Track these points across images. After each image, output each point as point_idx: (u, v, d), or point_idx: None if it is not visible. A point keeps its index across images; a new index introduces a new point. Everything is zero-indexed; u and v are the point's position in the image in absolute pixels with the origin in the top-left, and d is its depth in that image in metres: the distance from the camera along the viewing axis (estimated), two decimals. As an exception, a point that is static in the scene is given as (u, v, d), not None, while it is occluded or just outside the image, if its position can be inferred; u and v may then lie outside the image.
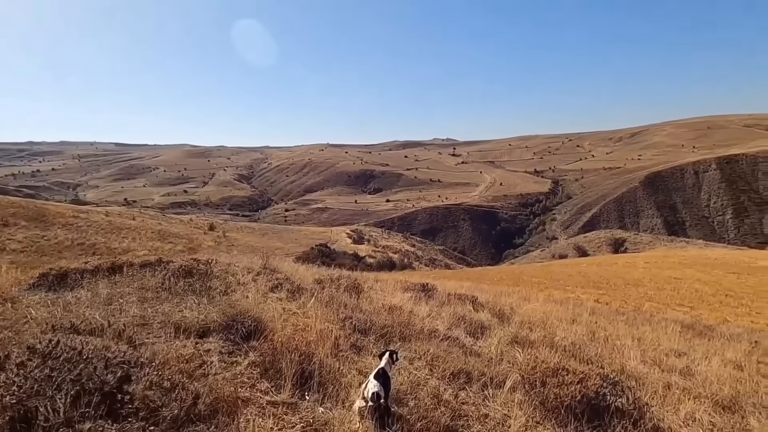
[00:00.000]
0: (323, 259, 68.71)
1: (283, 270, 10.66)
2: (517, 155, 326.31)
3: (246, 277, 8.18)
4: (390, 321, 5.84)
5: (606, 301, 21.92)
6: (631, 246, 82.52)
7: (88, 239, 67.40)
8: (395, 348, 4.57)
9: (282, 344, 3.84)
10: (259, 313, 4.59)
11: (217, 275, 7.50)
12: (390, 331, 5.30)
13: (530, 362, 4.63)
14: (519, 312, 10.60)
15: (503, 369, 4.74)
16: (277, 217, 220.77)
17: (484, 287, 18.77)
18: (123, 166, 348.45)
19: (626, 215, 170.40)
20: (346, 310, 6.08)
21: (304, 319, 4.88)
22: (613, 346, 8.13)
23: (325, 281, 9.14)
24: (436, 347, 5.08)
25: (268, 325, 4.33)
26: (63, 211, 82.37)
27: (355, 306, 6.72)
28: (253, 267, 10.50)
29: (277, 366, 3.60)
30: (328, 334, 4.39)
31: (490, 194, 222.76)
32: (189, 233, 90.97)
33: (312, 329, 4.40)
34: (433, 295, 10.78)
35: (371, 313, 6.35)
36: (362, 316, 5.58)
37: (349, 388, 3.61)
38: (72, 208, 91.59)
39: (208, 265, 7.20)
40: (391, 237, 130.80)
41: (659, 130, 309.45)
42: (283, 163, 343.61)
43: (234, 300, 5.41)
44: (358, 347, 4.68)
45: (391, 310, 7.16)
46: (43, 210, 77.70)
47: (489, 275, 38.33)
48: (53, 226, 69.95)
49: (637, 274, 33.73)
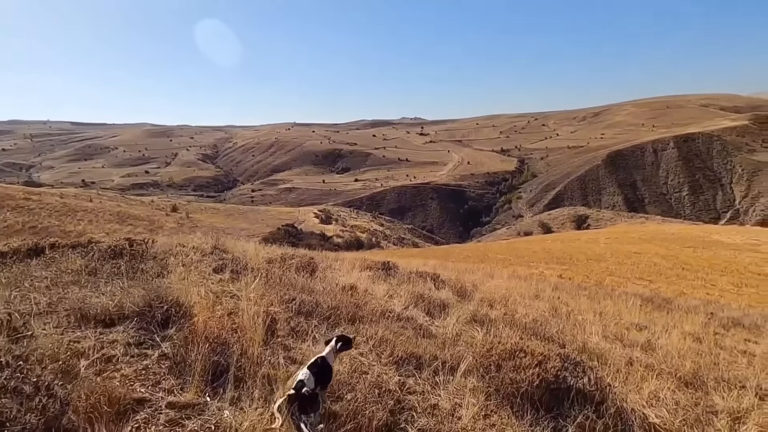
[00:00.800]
0: (290, 239, 67.77)
1: (236, 250, 10.07)
2: (484, 134, 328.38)
3: (189, 258, 7.58)
4: (340, 302, 5.39)
5: (569, 277, 22.18)
6: (593, 222, 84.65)
7: (41, 222, 64.39)
8: (341, 332, 4.14)
9: (202, 332, 3.32)
10: (184, 296, 4.03)
11: (154, 256, 6.88)
12: (338, 313, 4.84)
13: (486, 344, 4.27)
14: (482, 289, 10.35)
15: (458, 351, 4.36)
16: (244, 197, 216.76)
17: (449, 265, 18.57)
18: (80, 146, 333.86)
19: (589, 193, 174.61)
20: (293, 290, 5.60)
21: (239, 302, 4.37)
22: (575, 322, 7.95)
23: (278, 261, 8.62)
24: (386, 329, 4.66)
25: (193, 309, 3.80)
26: (13, 193, 78.31)
27: (305, 286, 6.24)
28: (203, 247, 9.86)
29: (188, 359, 3.09)
30: (263, 318, 3.90)
31: (458, 173, 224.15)
32: (150, 215, 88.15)
33: (244, 313, 3.89)
34: (393, 274, 10.40)
35: (322, 293, 5.88)
36: (308, 298, 5.10)
37: (277, 382, 3.11)
38: (23, 189, 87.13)
39: (144, 245, 6.55)
40: (360, 216, 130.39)
41: (620, 110, 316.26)
42: (249, 143, 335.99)
43: (165, 283, 4.84)
44: (299, 332, 4.20)
45: (346, 290, 6.72)
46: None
47: (455, 253, 38.42)
48: (2, 209, 66.44)
49: (599, 250, 34.38)
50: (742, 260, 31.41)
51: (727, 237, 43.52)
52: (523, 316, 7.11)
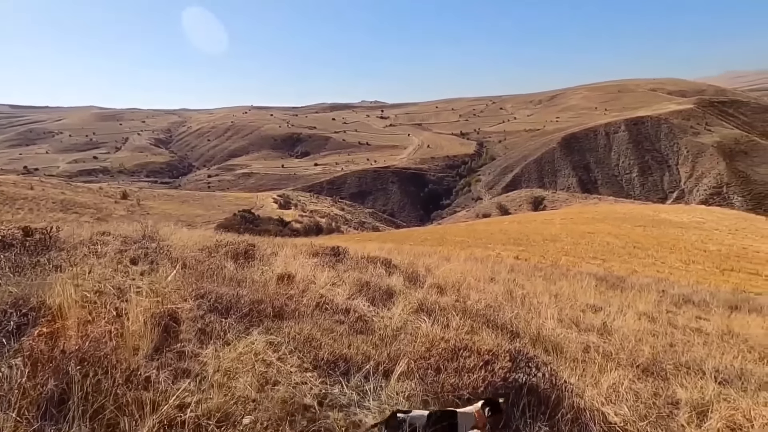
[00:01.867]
0: (246, 225, 65.94)
1: (172, 238, 9.23)
2: (443, 118, 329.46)
3: (107, 248, 6.74)
4: (269, 294, 4.74)
5: (525, 258, 22.22)
6: (549, 204, 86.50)
7: (-25, 212, 60.32)
8: (263, 329, 3.51)
9: (62, 343, 2.63)
10: (58, 295, 3.28)
11: (60, 248, 6.02)
12: (261, 308, 4.19)
13: (427, 341, 3.75)
14: (435, 273, 9.90)
15: (397, 350, 3.81)
16: (200, 183, 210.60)
17: (406, 248, 18.16)
18: (20, 130, 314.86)
19: (545, 175, 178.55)
20: (215, 282, 4.91)
21: (139, 299, 3.66)
22: (531, 306, 7.60)
23: (212, 249, 7.86)
24: (316, 325, 4.06)
25: (66, 312, 3.08)
26: (-58, 181, 72.97)
27: (233, 277, 5.55)
28: (132, 236, 8.97)
29: (41, 380, 2.38)
30: (159, 320, 3.24)
31: (418, 156, 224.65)
32: (98, 202, 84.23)
33: (131, 313, 3.21)
34: (342, 260, 9.80)
35: (250, 285, 5.22)
36: (229, 291, 4.42)
37: (146, 409, 2.42)
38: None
39: (46, 234, 5.68)
40: (320, 201, 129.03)
41: (575, 94, 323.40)
42: (204, 127, 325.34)
43: (50, 279, 4.06)
44: (207, 334, 3.54)
45: (282, 279, 6.07)
46: None
47: (414, 236, 38.24)
48: (-71, 198, 61.89)
49: (555, 230, 34.82)
50: (689, 238, 32.51)
51: (674, 216, 45.10)
52: (476, 302, 6.66)
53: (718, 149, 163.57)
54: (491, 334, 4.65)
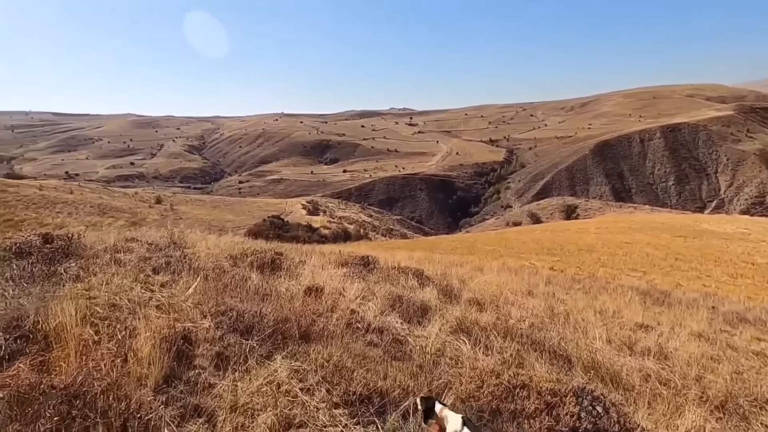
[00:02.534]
0: (275, 231, 66.24)
1: (198, 246, 9.01)
2: (472, 125, 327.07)
3: (132, 256, 6.51)
4: (295, 311, 4.35)
5: (561, 268, 21.33)
6: (582, 212, 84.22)
7: (17, 215, 62.30)
8: (288, 353, 3.12)
9: (55, 376, 2.28)
10: (54, 315, 2.94)
11: (81, 255, 5.79)
12: (287, 328, 3.81)
13: (475, 373, 3.28)
14: (470, 286, 9.38)
15: (439, 381, 3.35)
16: (231, 189, 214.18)
17: (436, 257, 17.62)
18: (63, 137, 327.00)
19: (577, 183, 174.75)
20: (238, 297, 4.55)
21: (155, 316, 3.32)
22: (576, 324, 7.01)
23: (240, 258, 7.56)
24: (347, 349, 3.64)
25: (66, 335, 2.75)
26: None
27: (258, 289, 5.19)
28: (159, 242, 8.77)
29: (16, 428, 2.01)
30: (171, 344, 2.88)
31: (447, 163, 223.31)
32: (133, 207, 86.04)
33: (140, 336, 2.86)
34: (372, 270, 9.38)
35: (275, 299, 4.84)
36: (252, 307, 4.05)
37: None
38: (0, 181, 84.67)
39: (66, 241, 5.45)
40: (348, 208, 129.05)
41: (608, 100, 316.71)
42: (236, 134, 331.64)
43: (67, 290, 3.77)
44: (226, 359, 3.17)
45: (310, 293, 5.68)
46: (-36, 185, 71.30)
47: (443, 244, 37.52)
48: (-25, 202, 64.30)
49: (590, 240, 33.64)
50: (734, 250, 30.89)
51: (716, 226, 43.12)
52: (519, 321, 6.14)
53: (761, 157, 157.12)
54: (542, 362, 4.15)
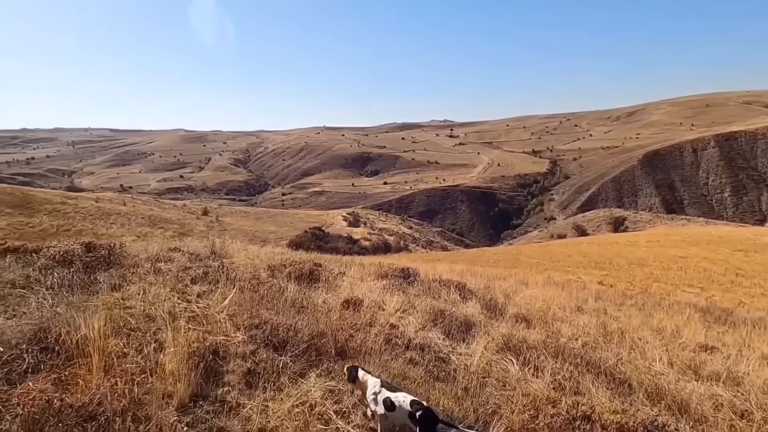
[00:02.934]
0: (316, 242, 66.95)
1: (237, 256, 9.02)
2: (514, 136, 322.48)
3: (172, 265, 6.52)
4: (332, 325, 4.15)
5: (610, 283, 20.32)
6: (631, 225, 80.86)
7: (75, 225, 65.68)
8: (323, 370, 2.91)
9: (74, 393, 2.15)
10: (83, 326, 2.84)
11: (121, 264, 5.82)
12: (322, 343, 3.61)
13: (527, 403, 2.96)
14: (515, 300, 8.96)
15: (486, 406, 3.06)
16: (274, 201, 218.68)
17: (478, 270, 17.14)
18: (118, 152, 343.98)
19: (624, 194, 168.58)
20: (273, 309, 4.40)
21: (187, 329, 3.20)
22: (632, 344, 6.50)
23: (279, 268, 7.47)
24: (386, 368, 3.40)
25: (91, 347, 2.63)
26: (51, 197, 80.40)
27: (295, 301, 5.04)
28: (200, 252, 8.83)
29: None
30: (201, 358, 2.73)
31: (488, 175, 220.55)
32: (181, 218, 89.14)
33: (168, 350, 2.72)
34: (413, 282, 9.13)
35: (312, 312, 4.67)
36: (286, 320, 3.89)
37: None
38: (61, 194, 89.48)
39: (108, 250, 5.49)
40: (388, 219, 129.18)
41: (656, 109, 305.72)
42: (279, 147, 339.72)
43: (103, 299, 3.72)
44: (256, 376, 2.99)
45: (348, 305, 5.49)
46: (29, 197, 75.79)
47: (485, 257, 36.71)
48: (39, 213, 68.16)
49: (640, 253, 32.03)
50: (802, 265, 28.68)
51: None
52: (570, 339, 5.72)
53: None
54: (598, 386, 3.77)
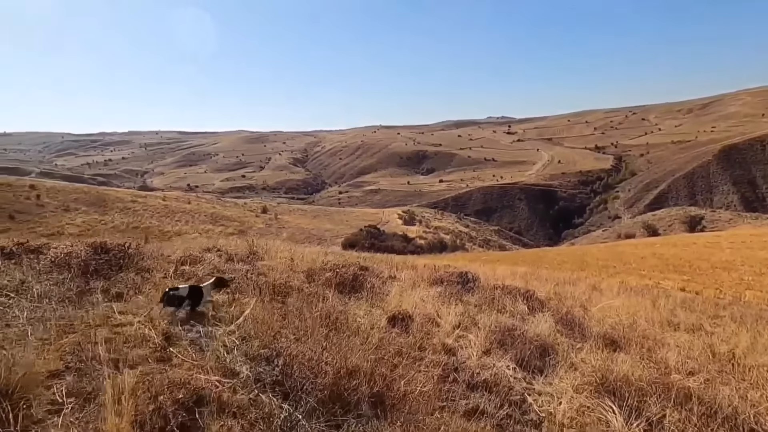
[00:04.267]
0: (371, 240, 66.55)
1: (277, 256, 8.27)
2: (576, 131, 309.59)
3: (199, 268, 5.80)
4: (370, 354, 3.19)
5: (695, 290, 18.07)
6: (708, 224, 74.67)
7: (143, 222, 69.04)
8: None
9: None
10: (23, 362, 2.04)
11: (144, 267, 5.13)
12: (351, 386, 2.65)
13: None
14: (593, 313, 7.65)
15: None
16: (331, 199, 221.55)
17: (543, 273, 15.68)
18: (185, 153, 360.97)
19: (698, 192, 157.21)
20: (300, 330, 3.50)
21: (166, 369, 2.34)
22: (755, 379, 5.11)
23: (319, 273, 6.60)
24: (439, 425, 2.40)
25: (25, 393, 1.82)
26: (122, 196, 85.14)
27: (329, 316, 4.12)
28: (239, 252, 8.16)
29: None
30: (170, 415, 1.86)
31: (548, 172, 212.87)
32: (241, 216, 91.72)
33: (123, 407, 1.86)
34: (472, 289, 8.02)
35: (347, 332, 3.73)
36: (309, 351, 2.95)
37: None
38: (131, 193, 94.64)
39: (124, 250, 4.80)
40: (444, 218, 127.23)
41: (734, 100, 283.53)
42: (336, 146, 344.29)
43: (111, 311, 2.96)
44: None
45: (396, 321, 4.52)
46: (103, 195, 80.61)
47: (548, 257, 34.59)
48: (111, 211, 72.25)
49: (725, 256, 28.81)
50: None
51: None
52: (681, 371, 4.46)
53: None
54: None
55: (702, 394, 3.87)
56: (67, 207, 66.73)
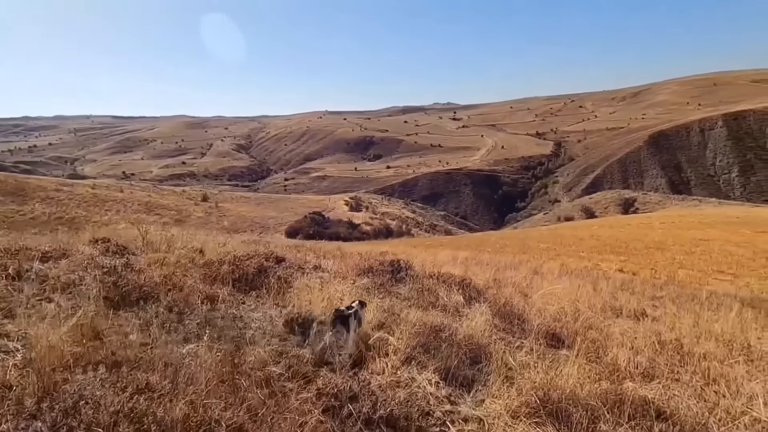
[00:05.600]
0: (316, 228, 65.20)
1: (176, 247, 7.15)
2: (518, 118, 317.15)
3: (60, 265, 4.63)
4: (241, 383, 2.24)
5: (632, 270, 18.26)
6: (640, 206, 78.37)
7: (68, 213, 64.07)
8: None
9: None
10: None
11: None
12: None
13: None
14: (534, 301, 7.02)
15: None
16: (277, 186, 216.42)
17: (485, 258, 15.21)
18: (120, 139, 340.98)
19: (630, 176, 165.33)
20: (129, 360, 2.50)
21: None
22: (706, 371, 4.56)
23: (218, 266, 5.52)
24: None
25: None
26: (45, 185, 78.73)
27: (211, 321, 3.11)
28: (130, 247, 6.98)
29: None
30: None
31: (492, 158, 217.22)
32: (179, 204, 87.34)
33: None
34: (404, 279, 7.18)
35: (254, 337, 2.76)
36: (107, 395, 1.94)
37: None
38: (56, 181, 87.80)
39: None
40: (391, 204, 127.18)
41: (663, 89, 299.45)
42: (282, 132, 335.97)
43: None
44: None
45: (295, 326, 3.58)
46: (23, 184, 74.19)
47: (490, 241, 34.69)
48: (32, 201, 66.57)
49: (657, 236, 29.80)
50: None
51: (801, 220, 38.06)
52: (635, 378, 3.80)
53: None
54: None
55: (660, 405, 3.19)
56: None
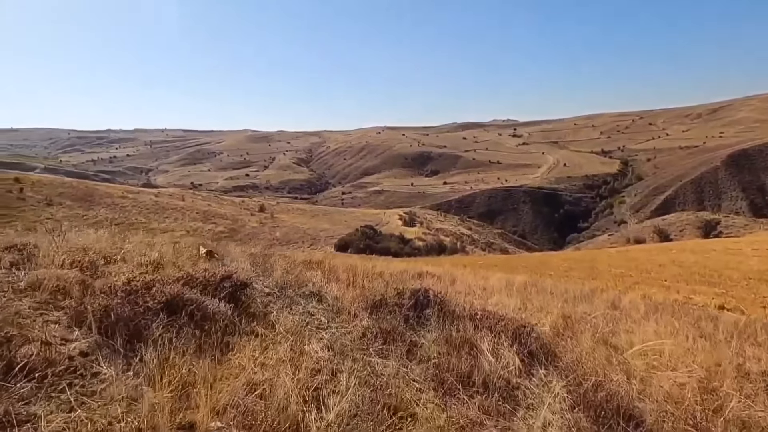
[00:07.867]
0: (367, 241, 63.57)
1: (131, 259, 5.30)
2: (582, 135, 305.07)
3: None
4: None
5: (736, 307, 14.87)
6: (724, 230, 71.05)
7: (129, 219, 66.25)
8: None
9: None
10: None
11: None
12: None
13: None
14: (634, 368, 4.56)
15: None
16: (334, 199, 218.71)
17: (547, 284, 12.55)
18: (190, 151, 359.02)
19: (706, 197, 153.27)
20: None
21: None
22: None
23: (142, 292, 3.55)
24: None
25: None
26: (112, 192, 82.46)
27: None
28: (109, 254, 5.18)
29: None
30: None
31: (553, 176, 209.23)
32: (235, 214, 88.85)
33: None
34: (427, 320, 4.90)
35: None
36: None
37: None
38: (123, 189, 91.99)
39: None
40: (447, 220, 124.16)
41: (744, 105, 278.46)
42: (341, 147, 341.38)
43: None
44: None
45: None
46: (91, 190, 77.99)
47: (552, 263, 31.37)
48: (98, 206, 69.58)
49: (755, 265, 25.35)
50: None
51: None
52: None
53: None
54: None
55: None
56: (50, 201, 64.01)
